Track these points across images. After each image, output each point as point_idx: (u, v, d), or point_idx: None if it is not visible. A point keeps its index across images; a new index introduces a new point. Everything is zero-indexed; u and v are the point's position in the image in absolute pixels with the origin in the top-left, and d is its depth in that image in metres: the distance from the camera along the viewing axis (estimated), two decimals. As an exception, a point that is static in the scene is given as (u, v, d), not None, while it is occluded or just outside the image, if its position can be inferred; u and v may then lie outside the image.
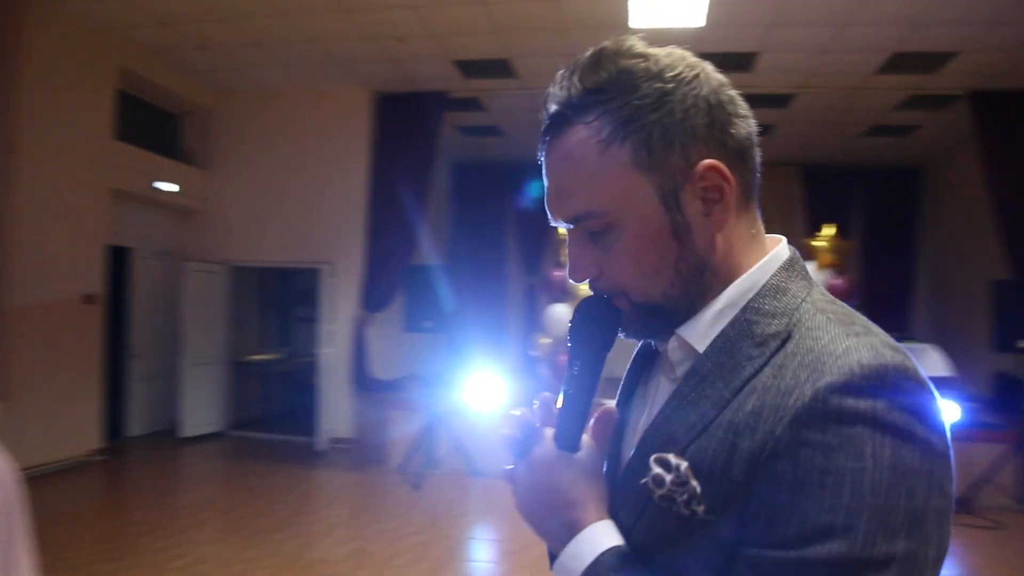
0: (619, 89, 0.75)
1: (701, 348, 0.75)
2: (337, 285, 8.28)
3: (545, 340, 6.62)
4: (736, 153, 0.77)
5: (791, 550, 0.62)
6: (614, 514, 0.79)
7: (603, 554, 0.74)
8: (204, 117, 8.67)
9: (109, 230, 7.20)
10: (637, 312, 0.79)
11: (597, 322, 0.81)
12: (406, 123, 8.29)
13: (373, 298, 8.14)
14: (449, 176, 11.67)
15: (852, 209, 10.82)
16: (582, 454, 0.80)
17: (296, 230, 8.39)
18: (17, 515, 2.80)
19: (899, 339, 2.67)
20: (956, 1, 5.64)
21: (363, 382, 8.01)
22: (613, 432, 0.87)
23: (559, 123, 0.79)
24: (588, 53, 0.78)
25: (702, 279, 0.76)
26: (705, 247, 0.76)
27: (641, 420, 0.83)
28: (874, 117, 8.68)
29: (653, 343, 0.84)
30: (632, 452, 0.78)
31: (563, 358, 6.37)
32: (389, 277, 8.05)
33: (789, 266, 0.79)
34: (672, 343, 0.79)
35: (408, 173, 8.23)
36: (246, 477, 6.73)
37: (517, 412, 0.83)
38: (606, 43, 0.78)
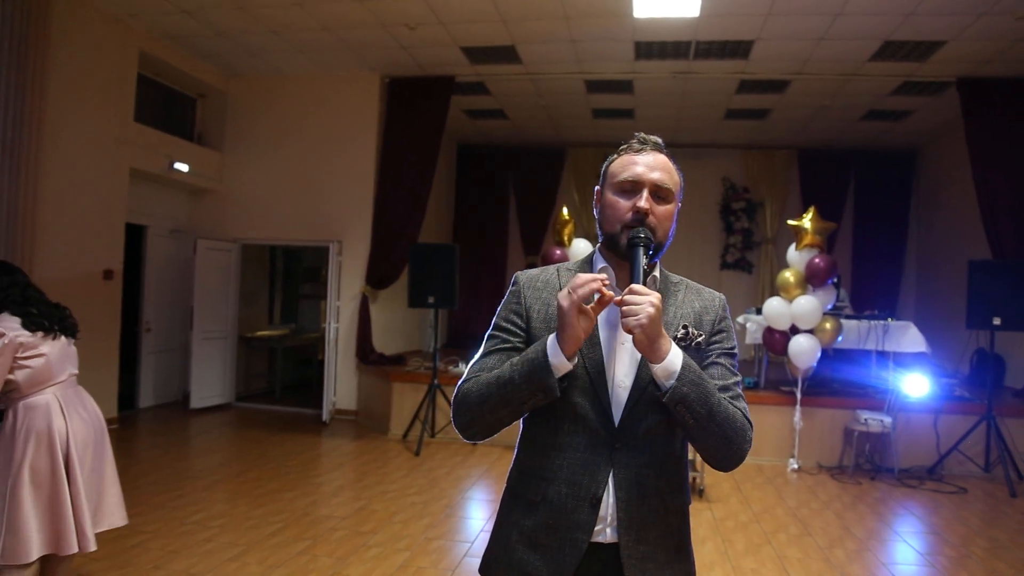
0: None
1: (659, 284, 1.58)
2: (344, 262, 8.55)
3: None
4: None
5: (728, 351, 1.58)
6: None
7: (684, 357, 1.42)
8: (219, 100, 8.94)
9: (126, 208, 7.47)
10: (657, 242, 1.50)
11: (644, 236, 1.47)
12: (414, 106, 8.54)
13: (379, 275, 8.41)
14: (455, 157, 11.95)
15: (847, 191, 11.14)
16: None
17: (306, 209, 8.65)
18: (108, 446, 3.19)
19: (879, 317, 3.12)
20: (944, -10, 5.86)
21: (367, 356, 8.29)
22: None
23: (659, 148, 1.57)
24: (654, 139, 1.59)
25: (666, 245, 1.55)
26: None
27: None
28: (869, 102, 8.88)
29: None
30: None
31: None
32: (395, 254, 8.32)
33: None
34: (650, 280, 1.54)
35: (415, 154, 8.49)
36: (255, 444, 7.02)
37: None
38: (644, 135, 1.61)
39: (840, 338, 6.66)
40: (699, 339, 1.53)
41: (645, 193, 1.50)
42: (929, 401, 6.58)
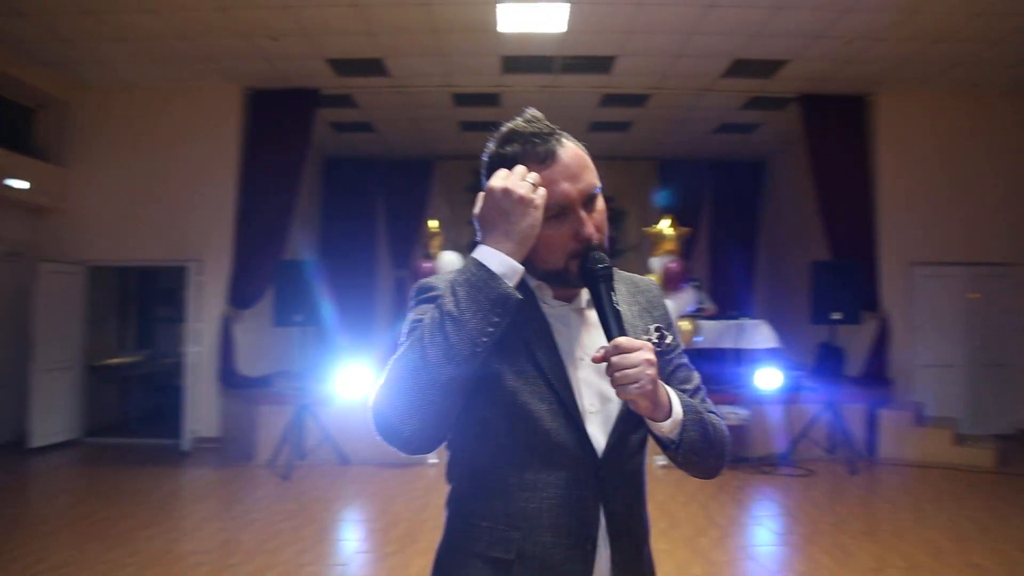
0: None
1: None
2: (204, 283, 8.13)
3: (414, 329, 6.78)
4: None
5: (679, 345, 1.37)
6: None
7: (680, 397, 1.24)
8: (61, 111, 8.27)
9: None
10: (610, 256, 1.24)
11: (604, 267, 1.20)
12: (278, 119, 8.29)
13: (242, 294, 8.07)
14: (321, 171, 11.64)
15: (703, 200, 11.75)
16: None
17: (162, 228, 8.17)
18: None
19: (733, 316, 3.22)
20: (786, 15, 6.32)
21: (230, 379, 7.91)
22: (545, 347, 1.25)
23: (566, 137, 1.26)
24: (540, 122, 1.26)
25: None
26: None
27: (574, 334, 1.27)
28: (721, 116, 9.44)
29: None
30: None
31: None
32: (259, 273, 8.01)
33: None
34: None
35: (279, 168, 8.23)
36: (106, 482, 6.50)
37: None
38: (535, 112, 1.28)
39: (700, 338, 7.00)
40: (669, 337, 1.26)
41: (583, 214, 1.21)
42: (781, 393, 7.04)
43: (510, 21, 6.51)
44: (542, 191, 1.16)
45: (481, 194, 1.19)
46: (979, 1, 5.98)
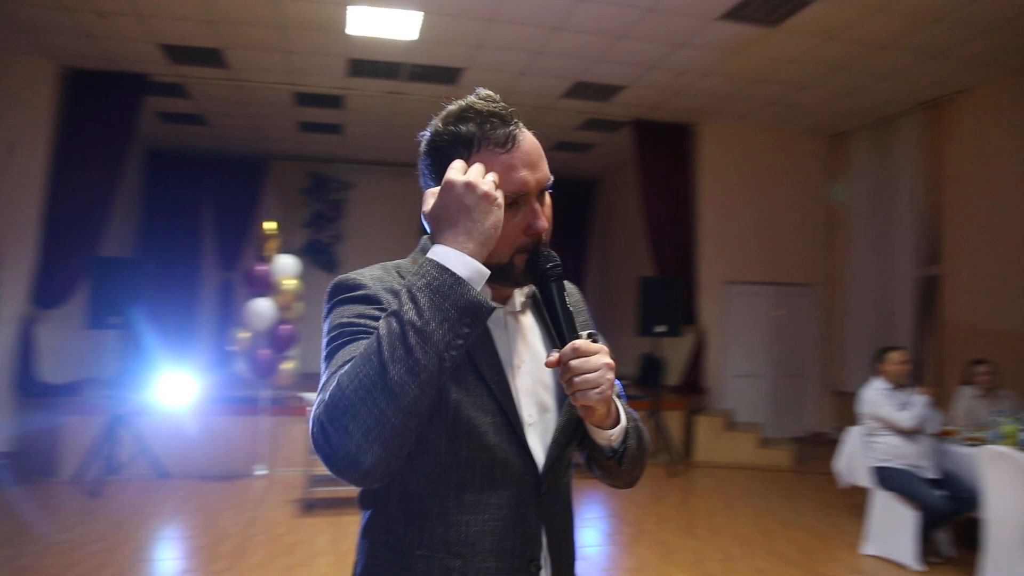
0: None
1: None
2: (1, 278, 7.26)
3: (244, 334, 6.48)
4: None
5: None
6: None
7: (622, 404, 1.20)
8: None
9: None
10: None
11: (555, 265, 1.13)
12: (99, 103, 7.58)
13: (47, 292, 7.27)
14: (145, 163, 10.80)
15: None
16: None
17: (-54, 215, 7.19)
18: None
19: None
20: (626, 44, 6.68)
21: (29, 387, 7.10)
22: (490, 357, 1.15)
23: (519, 122, 1.16)
24: (497, 102, 1.18)
25: None
26: None
27: (510, 339, 1.18)
28: (560, 134, 9.82)
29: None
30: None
31: (263, 352, 6.32)
32: (68, 269, 7.26)
33: None
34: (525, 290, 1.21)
35: (97, 157, 7.52)
36: None
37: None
38: (489, 92, 1.20)
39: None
40: (600, 343, 1.13)
41: (537, 206, 1.13)
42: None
43: (360, 24, 6.42)
44: (500, 192, 1.06)
45: (432, 189, 1.09)
46: (790, 49, 6.66)
